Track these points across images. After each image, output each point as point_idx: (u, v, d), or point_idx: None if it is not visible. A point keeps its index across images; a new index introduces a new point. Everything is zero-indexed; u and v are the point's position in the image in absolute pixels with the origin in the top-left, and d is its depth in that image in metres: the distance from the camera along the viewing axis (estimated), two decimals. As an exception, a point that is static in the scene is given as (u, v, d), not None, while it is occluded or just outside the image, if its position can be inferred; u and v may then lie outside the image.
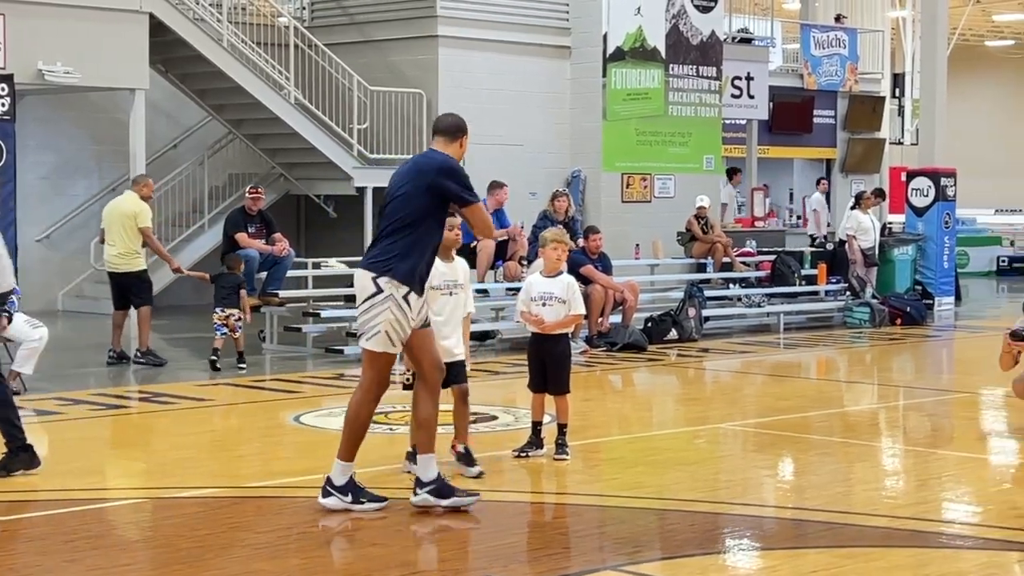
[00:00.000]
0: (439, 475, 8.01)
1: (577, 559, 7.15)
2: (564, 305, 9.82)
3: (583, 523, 8.27)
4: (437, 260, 9.29)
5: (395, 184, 8.07)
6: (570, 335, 10.48)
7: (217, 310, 14.77)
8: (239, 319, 14.77)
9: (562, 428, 9.78)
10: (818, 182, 26.46)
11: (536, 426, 9.86)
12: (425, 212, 7.88)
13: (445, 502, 7.92)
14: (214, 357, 14.60)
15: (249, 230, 17.10)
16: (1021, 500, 9.00)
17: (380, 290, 7.77)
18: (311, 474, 9.12)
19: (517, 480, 9.38)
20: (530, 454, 9.74)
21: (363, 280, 7.87)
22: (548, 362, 9.81)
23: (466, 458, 9.09)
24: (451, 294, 9.20)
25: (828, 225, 24.98)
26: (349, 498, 7.89)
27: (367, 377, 8.07)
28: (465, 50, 20.55)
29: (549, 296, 9.81)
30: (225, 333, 14.70)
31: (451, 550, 7.67)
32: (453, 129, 8.17)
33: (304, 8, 22.48)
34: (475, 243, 15.96)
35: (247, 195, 17.12)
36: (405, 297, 7.81)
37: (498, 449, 9.73)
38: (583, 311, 10.34)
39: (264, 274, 17.05)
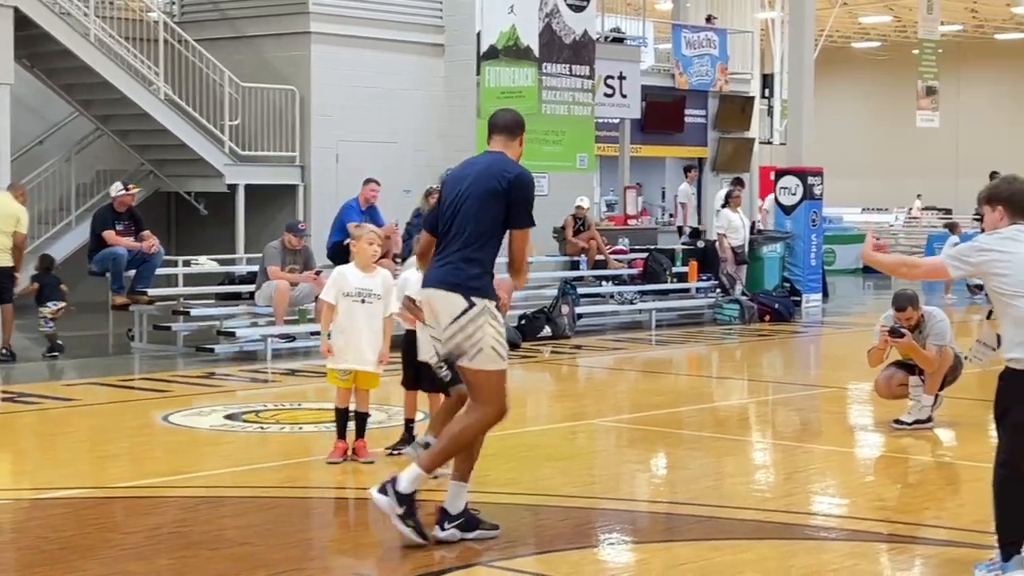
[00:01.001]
0: (466, 507, 7.37)
1: (450, 555, 7.13)
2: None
3: (456, 520, 8.27)
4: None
5: (462, 189, 7.30)
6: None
7: (49, 304, 15.36)
8: (59, 311, 15.41)
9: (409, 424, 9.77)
10: (686, 172, 26.52)
11: (409, 423, 9.83)
12: (498, 221, 7.19)
13: (471, 535, 7.31)
14: (52, 346, 15.32)
15: (117, 227, 16.86)
16: (884, 492, 9.17)
17: (472, 304, 7.06)
18: (180, 474, 9.00)
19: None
20: (403, 451, 9.70)
21: (448, 298, 7.13)
22: (422, 361, 9.77)
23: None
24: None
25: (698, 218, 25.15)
26: (401, 510, 7.11)
27: (486, 402, 7.24)
28: (338, 47, 20.42)
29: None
30: (53, 327, 15.40)
31: (321, 548, 7.61)
32: (513, 126, 7.47)
33: (174, 3, 22.17)
34: (348, 240, 15.85)
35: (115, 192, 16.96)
36: (497, 307, 7.22)
37: (371, 447, 9.67)
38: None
39: (133, 272, 16.80)
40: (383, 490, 7.13)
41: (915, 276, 7.47)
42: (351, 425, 9.55)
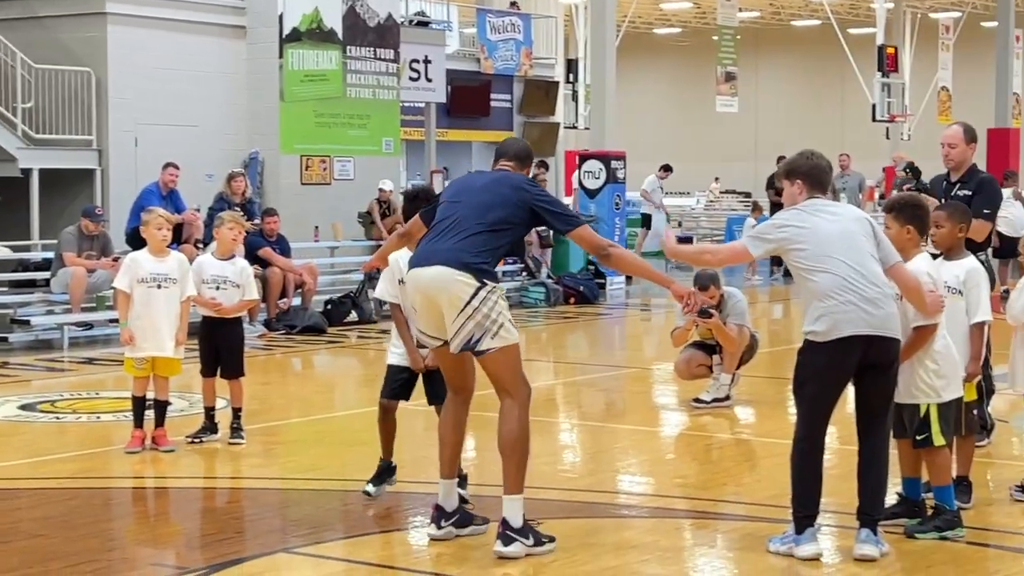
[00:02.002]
0: (460, 504, 7.17)
1: (252, 543, 7.06)
2: (238, 289, 9.68)
3: (258, 507, 8.16)
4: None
5: (485, 188, 7.11)
6: (248, 318, 10.33)
7: None
8: None
9: (237, 412, 9.65)
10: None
11: (209, 411, 9.69)
12: (518, 221, 7.02)
13: (465, 531, 7.07)
14: None
15: (-96, 214, 16.28)
16: (685, 469, 9.34)
17: (483, 284, 6.78)
18: None
19: (191, 466, 9.19)
20: (204, 439, 9.57)
21: (454, 282, 6.78)
22: (221, 346, 9.67)
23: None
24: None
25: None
26: (531, 541, 6.77)
27: (513, 383, 6.93)
28: (136, 28, 19.95)
29: (223, 280, 9.66)
30: None
31: (118, 540, 7.45)
32: (523, 155, 7.30)
33: (-37, -19, 21.42)
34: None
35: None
36: (503, 295, 6.99)
37: (172, 435, 9.50)
38: (257, 296, 10.23)
39: (-78, 260, 16.25)
40: (506, 540, 6.69)
41: (719, 262, 7.56)
42: (149, 414, 9.37)
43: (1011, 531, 7.45)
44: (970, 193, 9.17)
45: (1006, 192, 21.28)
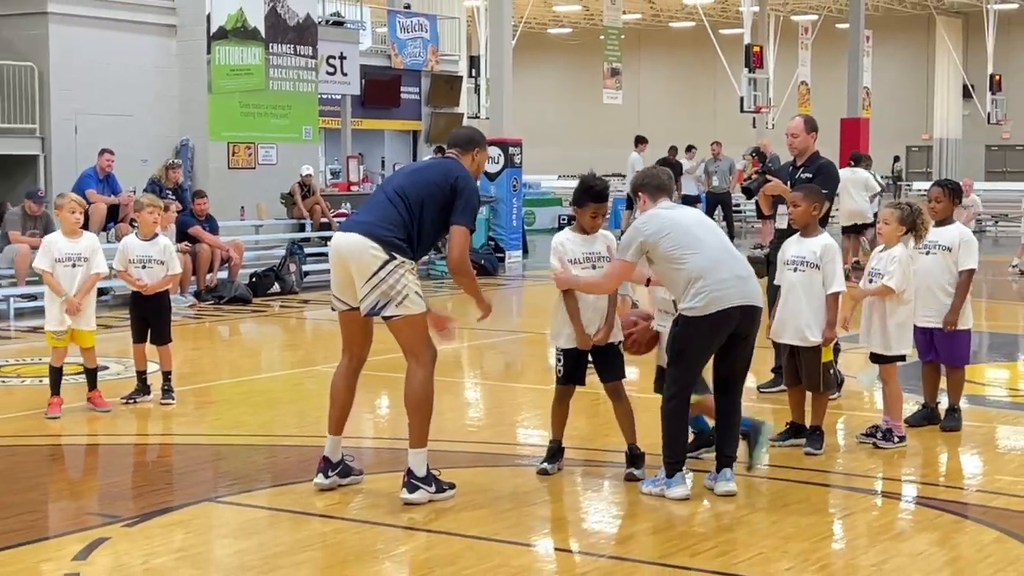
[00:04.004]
0: (343, 456, 7.06)
1: (180, 493, 6.97)
2: (163, 266, 9.56)
3: (187, 461, 8.06)
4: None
5: (414, 171, 7.11)
6: (179, 290, 10.18)
7: None
8: None
9: (167, 375, 9.53)
10: (437, 151, 26.49)
11: (141, 375, 9.55)
12: (439, 203, 6.80)
13: (346, 480, 7.02)
14: None
15: None
16: (575, 423, 9.31)
17: (392, 257, 6.67)
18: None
19: (125, 425, 9.04)
20: (138, 400, 9.44)
21: (366, 252, 6.67)
22: (149, 316, 9.55)
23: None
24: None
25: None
26: (433, 488, 6.73)
27: (418, 348, 6.84)
28: (76, 26, 19.55)
29: (148, 259, 9.52)
30: None
31: (57, 492, 7.32)
32: (464, 141, 7.11)
33: (-87, -18, 20.82)
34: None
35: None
36: (413, 269, 6.83)
37: (109, 397, 9.35)
38: (179, 270, 10.10)
39: None
40: (411, 488, 6.66)
41: (610, 287, 7.11)
42: (67, 381, 9.16)
43: (858, 473, 7.56)
44: (811, 176, 9.30)
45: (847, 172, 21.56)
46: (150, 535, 6.16)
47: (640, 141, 26.23)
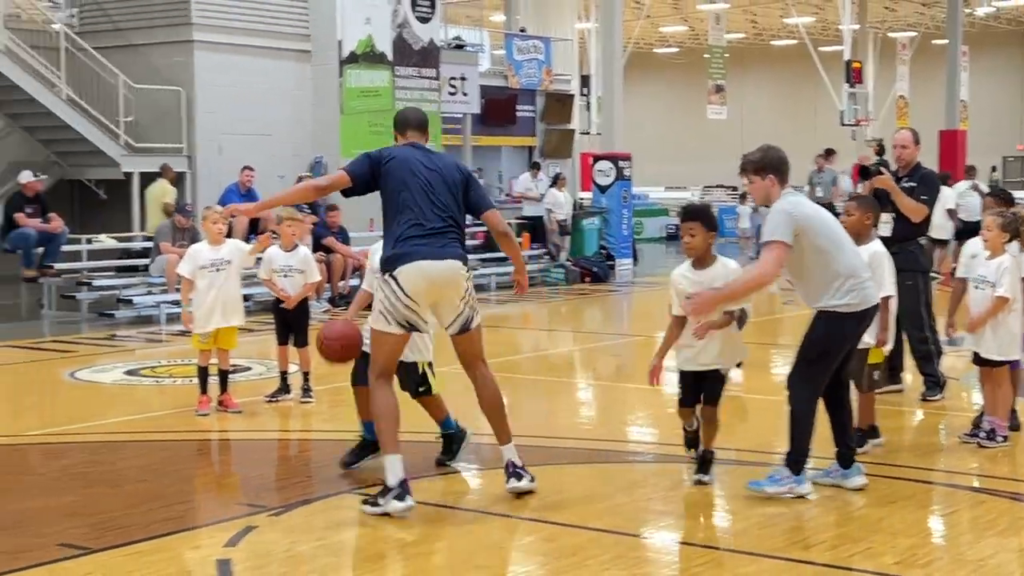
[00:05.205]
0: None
1: (319, 485, 7.05)
2: (302, 275, 9.69)
3: (325, 456, 8.14)
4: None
5: (444, 176, 6.70)
6: (315, 296, 10.32)
7: None
8: None
9: (306, 375, 9.66)
10: (532, 168, 26.00)
11: (283, 375, 9.70)
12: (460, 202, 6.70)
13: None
14: None
15: (27, 211, 16.43)
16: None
17: (469, 271, 6.64)
18: (85, 422, 8.76)
19: (268, 422, 9.20)
20: (279, 399, 9.59)
21: (460, 274, 6.56)
22: (290, 320, 9.68)
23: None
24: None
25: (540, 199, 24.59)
26: (530, 476, 6.67)
27: (483, 351, 6.87)
28: (218, 53, 19.97)
29: (289, 268, 9.63)
30: None
31: (206, 483, 7.47)
32: (425, 125, 6.91)
33: (73, 16, 21.46)
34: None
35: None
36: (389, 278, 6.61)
37: (253, 395, 9.52)
38: (319, 278, 10.24)
39: (42, 249, 16.34)
40: (518, 476, 6.60)
41: (772, 275, 6.36)
42: (213, 380, 9.32)
43: (961, 471, 7.39)
44: (914, 185, 9.22)
45: (965, 184, 21.18)
46: (293, 524, 6.25)
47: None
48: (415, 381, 7.30)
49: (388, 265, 6.54)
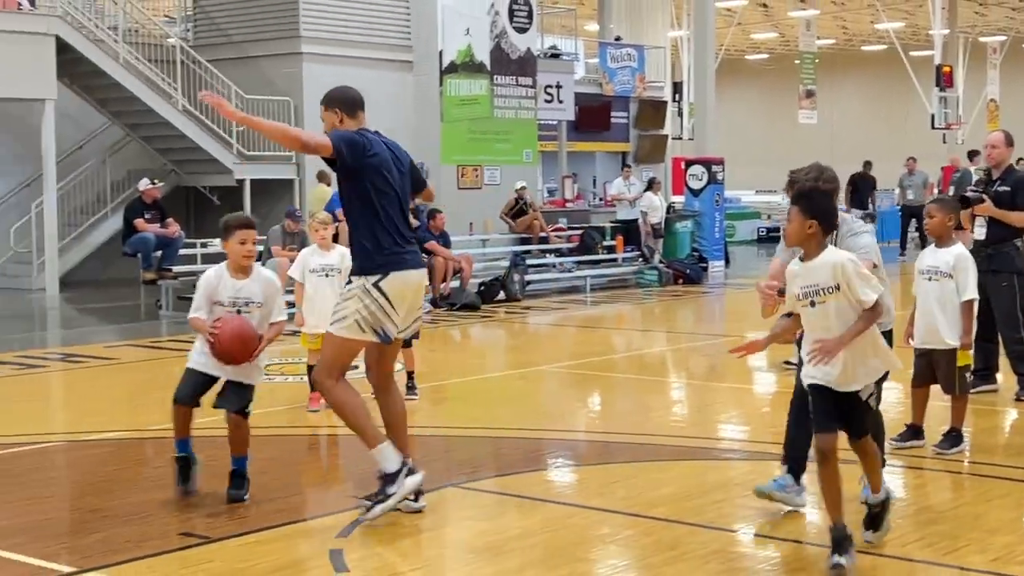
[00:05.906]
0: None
1: (426, 480, 7.12)
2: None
3: (429, 450, 8.23)
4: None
5: (406, 176, 6.57)
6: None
7: None
8: None
9: (410, 374, 9.74)
10: (624, 168, 25.97)
11: (410, 374, 9.77)
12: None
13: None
14: None
15: (146, 216, 16.76)
16: (777, 420, 9.15)
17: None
18: (204, 418, 8.93)
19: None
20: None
21: (425, 282, 6.51)
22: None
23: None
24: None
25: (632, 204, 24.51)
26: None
27: None
28: (325, 64, 20.25)
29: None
30: None
31: (320, 475, 7.59)
32: (359, 103, 6.60)
33: (188, 30, 21.93)
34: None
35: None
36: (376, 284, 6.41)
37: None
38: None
39: (160, 253, 16.69)
40: (387, 485, 6.25)
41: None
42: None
43: (1056, 472, 7.23)
44: (1008, 189, 9.02)
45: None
46: (399, 517, 6.32)
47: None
48: (246, 399, 6.83)
49: (370, 273, 6.22)
